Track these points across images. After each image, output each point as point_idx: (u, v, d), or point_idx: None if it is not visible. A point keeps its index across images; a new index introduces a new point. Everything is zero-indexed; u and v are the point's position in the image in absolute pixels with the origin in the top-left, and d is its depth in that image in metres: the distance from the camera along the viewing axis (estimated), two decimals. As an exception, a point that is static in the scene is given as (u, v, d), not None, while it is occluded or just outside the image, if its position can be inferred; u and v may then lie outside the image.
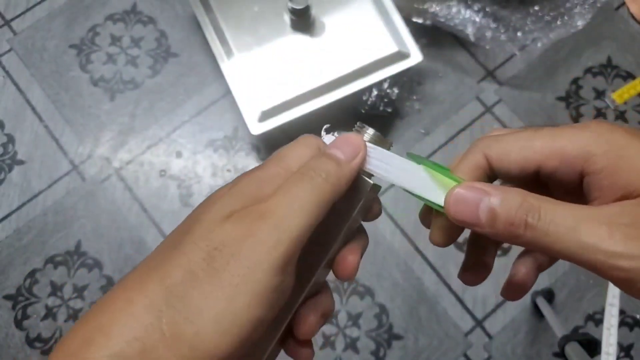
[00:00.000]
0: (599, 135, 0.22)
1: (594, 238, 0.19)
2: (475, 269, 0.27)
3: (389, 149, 0.26)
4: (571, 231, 0.20)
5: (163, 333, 0.19)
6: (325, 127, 0.27)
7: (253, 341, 0.21)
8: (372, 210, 0.27)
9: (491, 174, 0.25)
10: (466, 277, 0.27)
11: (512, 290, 0.27)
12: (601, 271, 0.20)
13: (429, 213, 0.27)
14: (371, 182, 0.25)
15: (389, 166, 0.25)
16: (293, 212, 0.21)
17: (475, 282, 0.27)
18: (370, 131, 0.26)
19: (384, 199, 0.77)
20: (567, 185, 0.24)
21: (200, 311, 0.20)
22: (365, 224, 0.27)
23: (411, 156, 0.26)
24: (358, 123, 0.26)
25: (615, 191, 0.21)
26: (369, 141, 0.26)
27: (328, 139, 0.26)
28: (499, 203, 0.21)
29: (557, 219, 0.20)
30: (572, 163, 0.22)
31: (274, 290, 0.20)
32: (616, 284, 0.20)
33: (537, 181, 0.25)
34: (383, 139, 0.26)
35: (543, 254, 0.27)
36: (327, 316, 0.26)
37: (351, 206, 0.25)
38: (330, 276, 0.26)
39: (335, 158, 0.24)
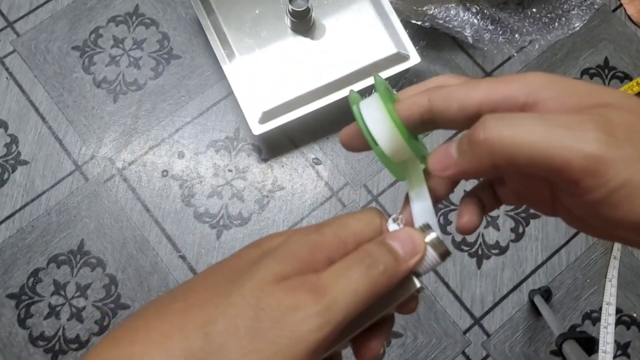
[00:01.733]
0: (544, 75, 0.22)
1: (556, 127, 0.19)
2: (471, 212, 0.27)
3: (445, 257, 0.25)
4: (526, 130, 0.19)
5: None
6: (393, 216, 0.26)
7: None
8: (409, 306, 0.26)
9: (428, 120, 0.24)
10: (464, 222, 0.27)
11: (462, 231, 0.28)
12: (564, 175, 0.19)
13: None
14: (418, 284, 0.25)
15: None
16: (345, 297, 0.21)
17: (473, 227, 0.27)
18: (433, 234, 0.25)
19: (383, 198, 0.78)
20: None
21: None
22: None
23: (376, 76, 0.27)
24: (425, 224, 0.25)
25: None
26: (429, 243, 0.25)
27: (392, 226, 0.26)
28: (459, 138, 0.22)
29: (511, 118, 0.20)
30: (513, 96, 0.22)
31: None
32: (589, 197, 0.19)
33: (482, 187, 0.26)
34: (443, 245, 0.25)
35: (491, 189, 0.27)
36: None
37: (392, 300, 0.24)
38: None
39: (395, 252, 0.23)
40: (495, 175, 0.28)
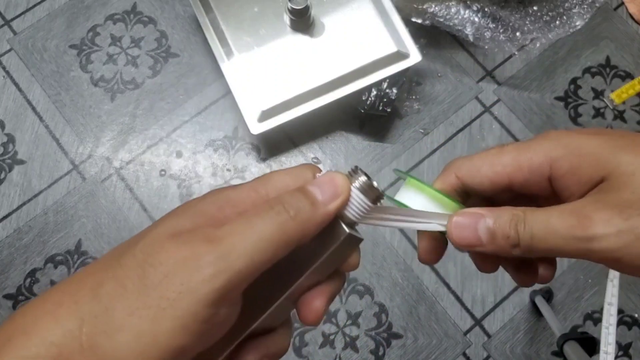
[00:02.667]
0: (558, 141, 0.23)
1: (567, 229, 0.21)
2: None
3: (377, 201, 0.23)
4: (550, 227, 0.22)
5: (81, 344, 0.19)
6: (354, 167, 0.24)
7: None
8: (349, 262, 0.24)
9: (464, 194, 0.26)
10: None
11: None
12: (588, 257, 0.22)
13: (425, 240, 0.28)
14: (347, 231, 0.23)
15: (370, 216, 0.23)
16: (245, 245, 0.20)
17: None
18: (362, 178, 0.23)
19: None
20: (543, 193, 0.25)
21: (122, 328, 0.19)
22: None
23: (398, 172, 0.28)
24: (354, 167, 0.24)
25: (581, 187, 0.23)
26: (358, 188, 0.23)
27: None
28: (493, 221, 0.23)
29: (538, 220, 0.22)
30: (539, 171, 0.24)
31: (204, 322, 0.19)
32: (606, 264, 0.22)
33: (516, 196, 0.26)
34: (373, 189, 0.23)
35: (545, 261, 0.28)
36: (275, 358, 0.24)
37: (321, 251, 0.23)
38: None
39: (312, 197, 0.22)
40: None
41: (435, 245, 0.27)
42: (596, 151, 0.22)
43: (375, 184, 0.23)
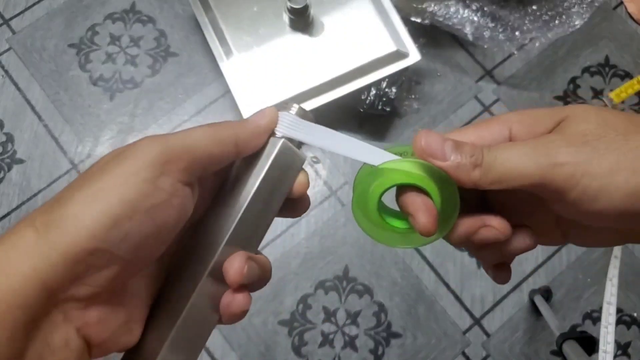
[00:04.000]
0: (515, 112, 0.26)
1: (531, 155, 0.22)
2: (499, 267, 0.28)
3: (302, 116, 0.27)
4: (514, 152, 0.23)
5: (35, 227, 0.20)
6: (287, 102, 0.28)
7: (128, 230, 0.20)
8: (299, 181, 0.27)
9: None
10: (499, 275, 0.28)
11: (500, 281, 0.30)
12: (547, 185, 0.22)
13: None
14: (281, 139, 0.25)
15: (309, 134, 0.27)
16: (184, 134, 0.23)
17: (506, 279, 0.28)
18: (295, 106, 0.27)
19: (384, 197, 0.78)
20: None
21: (72, 196, 0.20)
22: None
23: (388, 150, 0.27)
24: (285, 100, 0.27)
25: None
26: (287, 110, 0.26)
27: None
28: (460, 139, 0.24)
29: (504, 147, 0.23)
30: (500, 135, 0.26)
31: (145, 180, 0.21)
32: (562, 193, 0.22)
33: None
34: (301, 108, 0.27)
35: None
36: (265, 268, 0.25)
37: (265, 164, 0.25)
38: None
39: (246, 119, 0.25)
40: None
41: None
42: (549, 111, 0.24)
43: (301, 105, 0.27)
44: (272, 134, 0.26)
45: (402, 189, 0.25)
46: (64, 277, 0.19)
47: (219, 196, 0.25)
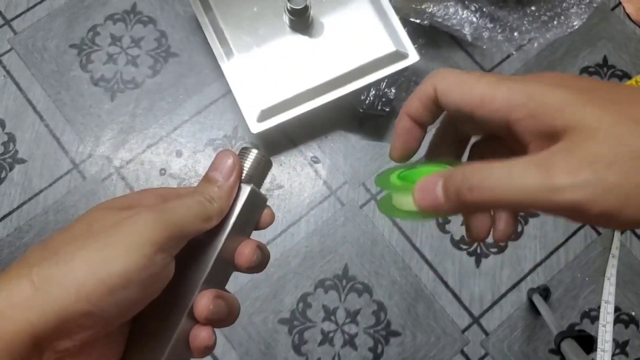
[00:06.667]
0: (523, 89, 0.23)
1: (531, 179, 0.20)
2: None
3: (266, 164, 0.30)
4: (508, 179, 0.21)
5: (32, 281, 0.20)
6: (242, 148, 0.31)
7: (121, 298, 0.22)
8: (263, 220, 0.30)
9: (437, 106, 0.27)
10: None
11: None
12: (549, 209, 0.20)
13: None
14: (249, 186, 0.29)
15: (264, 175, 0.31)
16: (179, 212, 0.25)
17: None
18: (251, 150, 0.30)
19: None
20: (503, 137, 0.25)
21: (73, 258, 0.21)
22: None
23: (380, 182, 0.29)
24: (243, 148, 0.30)
25: (540, 135, 0.22)
26: (249, 158, 0.30)
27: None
28: (446, 180, 0.23)
29: (493, 174, 0.21)
30: (498, 114, 0.23)
31: (145, 256, 0.22)
32: (566, 215, 0.20)
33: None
34: (259, 154, 0.30)
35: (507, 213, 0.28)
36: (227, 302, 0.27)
37: (234, 211, 0.28)
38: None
39: (214, 180, 0.28)
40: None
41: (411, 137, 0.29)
42: (559, 102, 0.22)
43: (258, 150, 0.30)
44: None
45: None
46: (53, 333, 0.20)
47: (192, 240, 0.27)
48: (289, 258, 0.76)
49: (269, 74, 0.74)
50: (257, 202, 0.30)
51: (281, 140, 0.80)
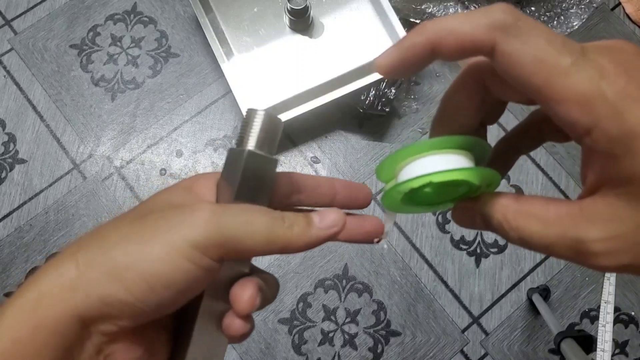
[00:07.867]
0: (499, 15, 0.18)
1: (561, 236, 0.19)
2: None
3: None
4: (546, 239, 0.19)
5: (77, 264, 0.21)
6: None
7: (162, 296, 0.21)
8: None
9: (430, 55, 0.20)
10: None
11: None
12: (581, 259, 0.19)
13: None
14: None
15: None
16: (237, 219, 0.22)
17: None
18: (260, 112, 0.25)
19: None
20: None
21: (115, 246, 0.21)
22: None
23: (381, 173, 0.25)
24: (248, 109, 0.25)
25: (608, 155, 0.18)
26: (262, 121, 0.24)
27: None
28: (485, 213, 0.21)
29: (532, 226, 0.20)
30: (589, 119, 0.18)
31: (187, 259, 0.21)
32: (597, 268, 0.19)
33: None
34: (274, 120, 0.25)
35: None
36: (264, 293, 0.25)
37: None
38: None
39: (309, 218, 0.24)
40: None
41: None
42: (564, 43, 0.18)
43: (265, 111, 0.25)
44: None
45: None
46: (97, 315, 0.21)
47: None
48: (289, 258, 0.76)
49: (269, 74, 0.74)
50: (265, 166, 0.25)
51: (281, 140, 0.80)
